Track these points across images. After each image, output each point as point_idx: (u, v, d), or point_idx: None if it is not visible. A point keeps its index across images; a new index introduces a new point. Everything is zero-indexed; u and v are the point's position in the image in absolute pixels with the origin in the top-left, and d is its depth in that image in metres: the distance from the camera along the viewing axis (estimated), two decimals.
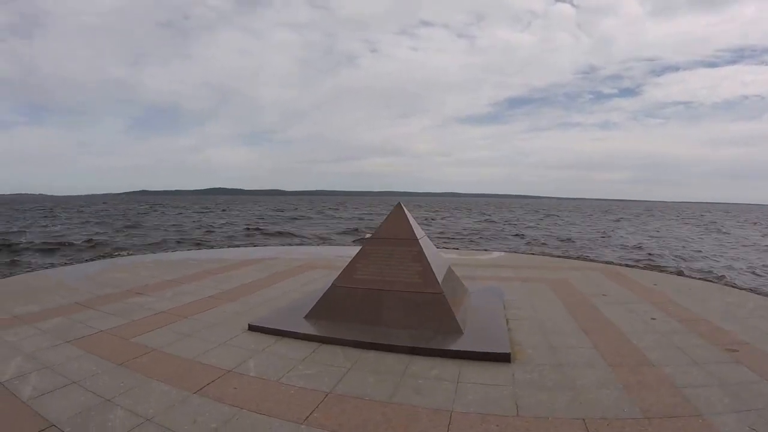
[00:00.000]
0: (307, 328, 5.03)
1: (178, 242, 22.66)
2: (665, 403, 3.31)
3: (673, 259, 18.82)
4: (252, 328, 5.09)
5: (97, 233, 27.22)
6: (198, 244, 20.82)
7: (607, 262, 12.03)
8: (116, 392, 3.41)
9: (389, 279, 5.46)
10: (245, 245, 18.69)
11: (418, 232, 6.02)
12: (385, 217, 6.07)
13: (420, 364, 4.16)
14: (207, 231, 30.28)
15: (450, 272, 6.40)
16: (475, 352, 4.34)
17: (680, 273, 11.29)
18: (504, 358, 4.23)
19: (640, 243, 25.66)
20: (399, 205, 6.18)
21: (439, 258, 6.41)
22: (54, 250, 18.92)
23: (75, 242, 21.51)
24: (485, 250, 16.03)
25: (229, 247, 17.03)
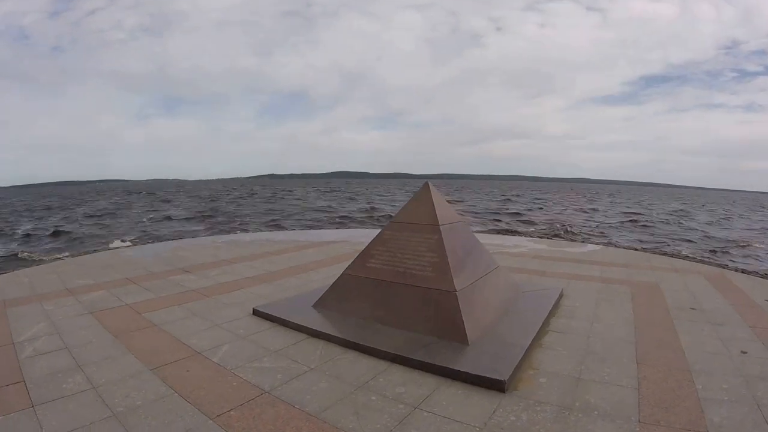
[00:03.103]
0: (301, 319, 4.75)
1: None
2: None
3: None
4: (256, 312, 5.06)
5: None
6: None
7: (720, 265, 9.07)
8: (91, 360, 3.69)
9: (401, 270, 4.85)
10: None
11: (446, 217, 5.16)
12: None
13: (393, 375, 3.56)
14: None
15: (491, 267, 5.41)
16: (462, 372, 3.51)
17: None
18: (497, 386, 3.32)
19: None
20: (426, 184, 5.41)
21: (473, 249, 5.39)
22: None
23: None
24: (582, 242, 13.65)
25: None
